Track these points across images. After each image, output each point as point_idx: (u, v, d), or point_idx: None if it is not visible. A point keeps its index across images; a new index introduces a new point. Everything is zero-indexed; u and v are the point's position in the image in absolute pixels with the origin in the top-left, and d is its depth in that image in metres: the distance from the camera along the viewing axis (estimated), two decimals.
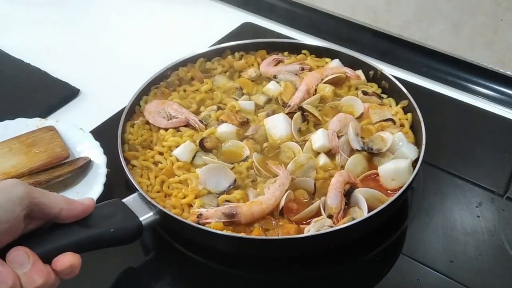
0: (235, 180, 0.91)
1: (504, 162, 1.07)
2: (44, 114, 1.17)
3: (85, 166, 0.99)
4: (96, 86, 1.28)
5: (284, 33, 1.44)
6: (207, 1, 1.60)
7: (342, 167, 0.94)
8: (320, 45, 1.21)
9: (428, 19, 1.27)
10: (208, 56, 1.16)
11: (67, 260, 0.65)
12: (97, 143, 1.03)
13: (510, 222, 0.94)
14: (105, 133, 1.07)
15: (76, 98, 1.25)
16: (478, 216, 0.96)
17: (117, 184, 1.00)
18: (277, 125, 1.00)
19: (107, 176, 0.98)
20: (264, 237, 0.83)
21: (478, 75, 1.27)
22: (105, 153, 1.01)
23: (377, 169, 0.93)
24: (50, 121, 1.10)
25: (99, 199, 0.94)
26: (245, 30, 1.45)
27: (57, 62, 1.33)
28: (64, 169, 0.98)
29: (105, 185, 0.97)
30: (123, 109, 1.02)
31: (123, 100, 1.05)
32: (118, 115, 1.07)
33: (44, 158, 0.99)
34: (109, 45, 1.43)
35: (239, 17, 1.51)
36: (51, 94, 1.24)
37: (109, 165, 0.99)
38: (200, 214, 0.84)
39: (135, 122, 1.02)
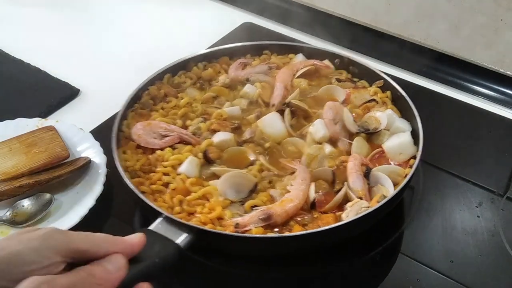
0: (256, 184, 0.90)
1: (504, 162, 1.07)
2: (44, 114, 1.17)
3: (85, 166, 0.99)
4: (96, 86, 1.28)
5: (284, 33, 1.44)
6: (207, 1, 1.61)
7: (347, 152, 0.97)
8: (281, 43, 1.23)
9: (428, 19, 1.27)
10: (172, 70, 1.14)
11: None
12: (97, 143, 1.03)
13: (510, 222, 0.94)
14: (105, 133, 1.06)
15: (76, 98, 1.25)
16: (478, 216, 0.96)
17: (117, 184, 1.00)
18: (271, 124, 1.01)
19: (107, 176, 0.98)
20: (320, 229, 0.80)
21: (478, 75, 1.27)
22: (105, 153, 1.01)
23: (379, 148, 0.98)
24: (50, 121, 1.10)
25: (99, 199, 0.94)
26: (245, 30, 1.45)
27: (57, 62, 1.33)
28: (64, 169, 0.98)
29: (105, 185, 0.97)
30: (110, 138, 0.96)
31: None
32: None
33: (44, 158, 0.99)
34: (109, 45, 1.43)
35: (239, 17, 1.51)
36: (51, 94, 1.24)
37: (109, 165, 0.99)
38: (237, 224, 0.82)
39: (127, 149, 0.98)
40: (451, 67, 1.30)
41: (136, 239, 0.64)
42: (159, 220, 0.79)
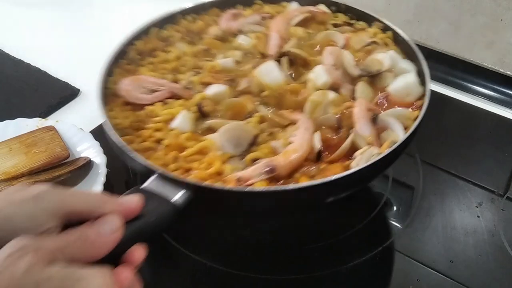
0: (256, 137, 0.84)
1: (504, 162, 1.07)
2: (44, 114, 1.18)
3: (85, 166, 0.99)
4: (96, 86, 1.28)
5: None
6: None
7: (351, 97, 0.91)
8: None
9: (428, 19, 1.27)
10: (160, 24, 1.08)
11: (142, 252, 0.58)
12: (97, 143, 1.03)
13: (510, 222, 0.94)
14: (105, 133, 1.07)
15: (76, 98, 1.25)
16: (478, 216, 0.96)
17: (117, 184, 1.00)
18: (269, 73, 0.94)
19: (107, 176, 0.98)
20: (330, 178, 0.71)
21: (478, 75, 1.27)
22: (105, 153, 1.01)
23: (384, 91, 0.92)
24: (50, 121, 1.10)
25: None
26: None
27: (57, 62, 1.33)
28: (64, 169, 0.98)
29: (105, 185, 0.97)
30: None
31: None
32: None
33: (44, 158, 0.99)
34: (109, 45, 1.43)
35: None
36: (51, 94, 1.24)
37: (109, 165, 0.99)
38: (239, 178, 0.76)
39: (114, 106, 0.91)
40: (451, 67, 1.30)
41: (134, 202, 0.59)
42: (152, 178, 0.71)
